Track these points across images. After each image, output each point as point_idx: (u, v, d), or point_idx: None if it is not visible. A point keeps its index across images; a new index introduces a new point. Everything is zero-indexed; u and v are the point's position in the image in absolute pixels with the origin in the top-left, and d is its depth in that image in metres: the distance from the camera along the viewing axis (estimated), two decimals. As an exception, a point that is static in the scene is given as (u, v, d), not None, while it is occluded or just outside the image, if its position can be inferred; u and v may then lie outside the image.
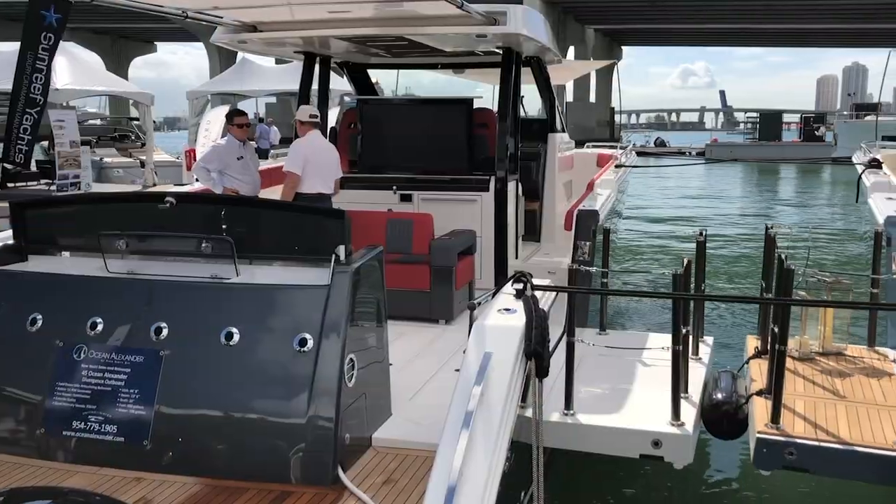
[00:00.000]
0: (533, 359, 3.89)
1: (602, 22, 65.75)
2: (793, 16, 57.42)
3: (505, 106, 7.68)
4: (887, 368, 5.51)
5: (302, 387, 4.07)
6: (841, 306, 6.10)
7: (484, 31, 6.96)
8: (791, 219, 22.87)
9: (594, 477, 5.77)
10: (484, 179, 7.80)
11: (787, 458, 4.35)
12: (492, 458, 3.58)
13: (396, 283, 5.96)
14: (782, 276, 4.85)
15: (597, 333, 6.51)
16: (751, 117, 77.67)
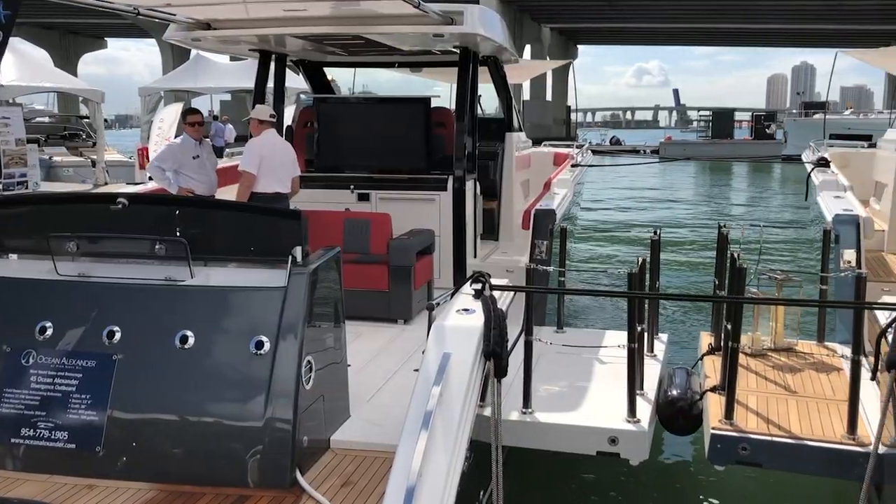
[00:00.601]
0: (492, 359, 3.91)
1: (558, 21, 66.23)
2: (744, 16, 58.53)
3: (462, 105, 7.69)
4: (836, 363, 5.65)
5: (259, 389, 4.03)
6: (791, 303, 6.24)
7: (441, 30, 6.96)
8: (743, 217, 23.32)
9: (552, 475, 5.82)
10: (442, 179, 7.80)
11: (741, 453, 4.44)
12: (451, 458, 3.59)
13: (354, 283, 5.93)
14: (734, 274, 4.94)
15: (554, 332, 6.56)
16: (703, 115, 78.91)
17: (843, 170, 9.70)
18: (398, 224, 7.19)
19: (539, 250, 6.94)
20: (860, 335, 4.37)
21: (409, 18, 6.80)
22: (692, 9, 56.55)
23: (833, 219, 6.68)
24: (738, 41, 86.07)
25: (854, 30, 59.89)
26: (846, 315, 5.62)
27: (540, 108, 60.66)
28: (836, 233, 6.48)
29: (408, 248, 6.90)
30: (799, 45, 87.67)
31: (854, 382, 4.35)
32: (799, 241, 15.77)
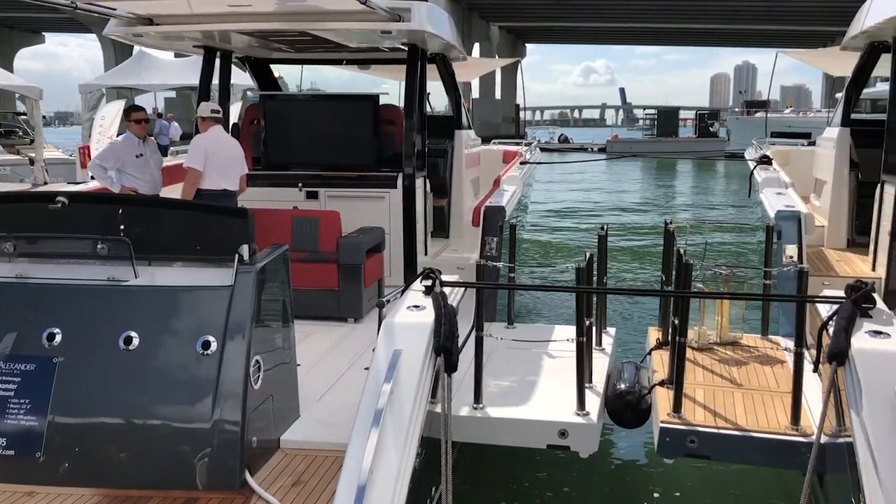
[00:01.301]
0: (442, 354, 3.91)
1: (506, 19, 66.69)
2: (688, 16, 59.75)
3: (411, 102, 7.67)
4: (780, 356, 5.78)
5: (206, 390, 3.95)
6: (736, 298, 6.36)
7: (388, 27, 6.93)
8: (689, 213, 23.77)
9: (504, 469, 5.84)
10: (391, 176, 7.77)
11: (689, 445, 4.51)
12: (402, 456, 3.58)
13: (303, 282, 5.87)
14: (681, 270, 5.02)
15: (505, 327, 6.58)
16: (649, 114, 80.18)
17: (785, 167, 9.95)
18: (347, 222, 7.13)
19: (489, 247, 6.96)
20: (802, 328, 4.48)
21: (357, 15, 6.75)
22: (638, 8, 57.51)
23: (775, 215, 6.83)
24: (682, 41, 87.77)
25: (794, 30, 61.64)
26: (789, 309, 5.76)
27: (489, 107, 61.00)
28: (778, 229, 6.64)
29: (357, 246, 6.85)
30: (741, 45, 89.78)
31: (797, 374, 4.45)
32: (743, 237, 16.13)
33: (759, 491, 5.64)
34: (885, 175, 7.58)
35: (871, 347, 3.58)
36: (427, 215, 8.22)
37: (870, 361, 3.52)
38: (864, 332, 3.68)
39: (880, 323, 3.74)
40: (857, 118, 9.55)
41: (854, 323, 3.73)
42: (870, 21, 7.52)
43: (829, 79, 51.27)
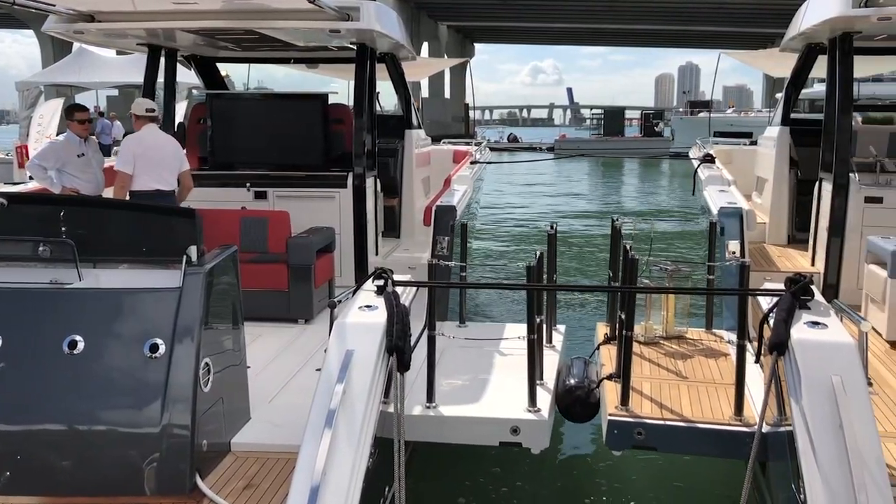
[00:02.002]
0: (394, 354, 3.91)
1: (454, 19, 66.87)
2: (634, 17, 60.69)
3: (360, 102, 7.65)
4: (723, 349, 5.93)
5: (154, 394, 3.89)
6: (681, 292, 6.51)
7: (337, 26, 6.90)
8: (636, 211, 24.16)
9: (457, 467, 5.87)
10: (341, 175, 7.74)
11: (637, 437, 4.59)
12: (355, 456, 3.58)
13: (253, 283, 5.82)
14: (627, 266, 5.11)
15: (457, 326, 6.62)
16: (596, 114, 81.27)
17: (727, 165, 10.20)
18: (297, 222, 7.08)
19: (440, 246, 6.98)
20: (745, 321, 4.60)
21: (304, 14, 6.70)
22: (585, 9, 58.19)
23: (718, 212, 7.00)
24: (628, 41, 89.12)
25: (735, 32, 63.07)
26: (732, 302, 5.91)
27: (438, 106, 61.07)
28: (721, 225, 6.80)
29: (307, 247, 6.81)
30: (685, 46, 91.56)
31: (740, 366, 4.57)
32: (687, 234, 16.46)
33: (704, 480, 5.77)
34: (822, 173, 7.83)
35: (810, 338, 3.70)
36: (378, 215, 8.21)
37: (808, 352, 3.63)
38: (802, 323, 3.80)
39: (818, 314, 3.87)
40: (797, 118, 9.84)
41: (793, 315, 3.85)
42: (806, 23, 7.75)
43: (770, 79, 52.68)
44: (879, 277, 6.27)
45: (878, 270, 6.36)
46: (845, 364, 3.56)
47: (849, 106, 7.45)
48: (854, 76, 7.53)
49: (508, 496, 5.69)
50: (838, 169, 7.33)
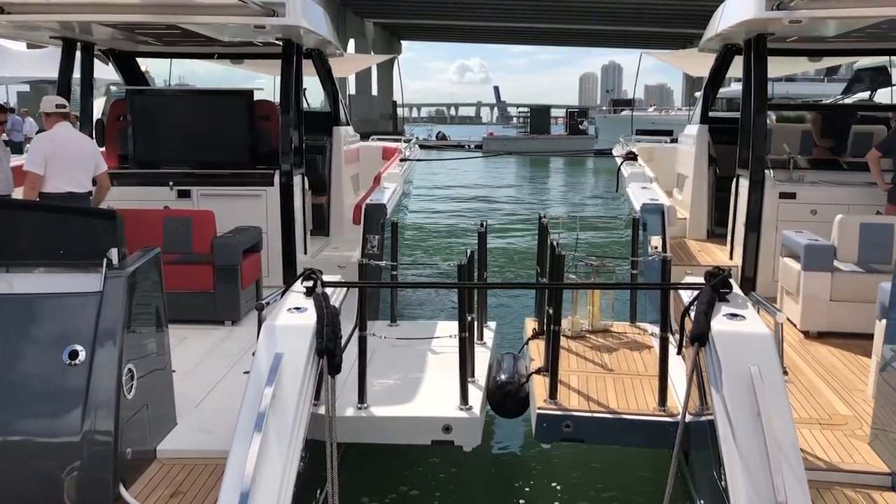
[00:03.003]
0: (325, 356, 3.88)
1: (381, 16, 66.61)
2: (559, 16, 61.56)
3: (287, 98, 7.55)
4: (647, 342, 6.09)
5: (75, 402, 3.76)
6: (606, 287, 6.65)
7: (262, 22, 6.79)
8: (562, 207, 24.53)
9: (389, 467, 5.87)
10: (268, 173, 7.63)
11: (565, 430, 4.68)
12: (286, 459, 3.54)
13: (177, 284, 5.69)
14: (555, 262, 5.20)
15: (388, 325, 6.60)
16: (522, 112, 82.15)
17: (649, 163, 10.46)
18: (222, 221, 6.94)
19: (371, 245, 6.95)
20: (667, 314, 4.74)
21: (228, 9, 6.58)
22: (510, 8, 58.73)
23: (641, 208, 7.18)
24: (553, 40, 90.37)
25: (657, 32, 64.69)
26: (654, 296, 6.07)
27: (366, 103, 60.74)
28: (643, 221, 6.97)
29: (233, 247, 6.68)
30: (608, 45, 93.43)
31: (662, 358, 4.70)
32: (611, 230, 16.82)
33: (630, 470, 5.91)
34: (739, 170, 8.10)
35: (729, 329, 3.83)
36: (306, 213, 8.12)
37: (727, 343, 3.76)
38: (722, 315, 3.93)
39: (736, 306, 4.01)
40: (715, 116, 10.16)
41: (713, 307, 3.98)
42: (723, 25, 8.01)
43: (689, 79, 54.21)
44: (793, 270, 6.53)
45: (792, 263, 6.63)
46: (762, 354, 3.69)
47: (764, 105, 7.74)
48: (768, 76, 7.83)
49: (442, 494, 5.72)
50: (754, 166, 7.60)
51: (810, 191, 7.76)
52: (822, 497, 3.83)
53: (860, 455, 4.26)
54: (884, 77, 17.88)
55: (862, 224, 6.31)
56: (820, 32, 7.99)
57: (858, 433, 4.52)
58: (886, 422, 4.16)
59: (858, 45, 9.23)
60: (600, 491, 5.73)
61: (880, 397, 4.28)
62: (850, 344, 6.07)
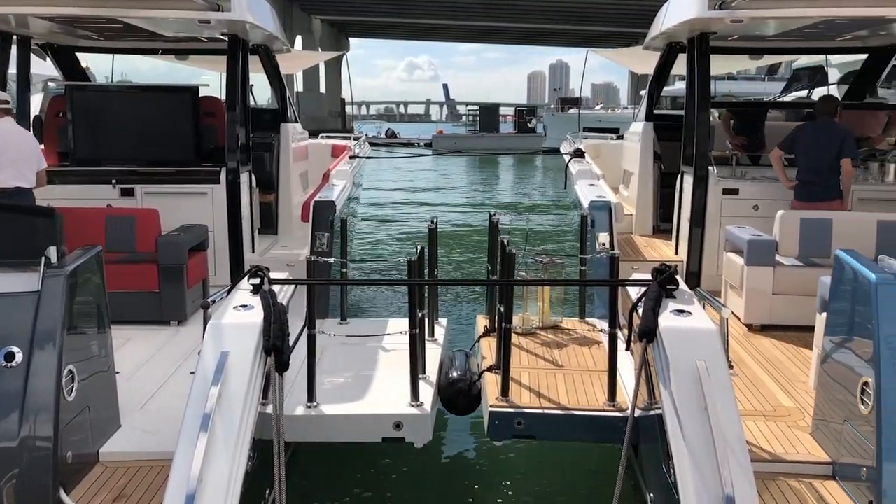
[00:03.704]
0: (272, 354, 3.83)
1: (328, 12, 66.11)
2: (507, 15, 61.86)
3: (233, 94, 7.42)
4: (596, 337, 6.15)
5: (12, 406, 3.64)
6: (556, 284, 6.71)
7: (207, 16, 6.66)
8: (512, 204, 24.67)
9: (339, 465, 5.82)
10: (214, 171, 7.50)
11: (517, 427, 4.70)
12: (233, 460, 3.48)
13: (120, 284, 5.55)
14: (505, 260, 5.21)
15: (337, 324, 6.55)
16: (471, 110, 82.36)
17: (596, 160, 10.57)
18: (167, 220, 6.80)
19: (320, 242, 6.89)
20: (616, 310, 4.79)
21: (172, 3, 6.44)
22: (458, 6, 58.84)
23: (589, 205, 7.25)
24: (501, 39, 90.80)
25: (603, 31, 65.46)
26: (603, 292, 6.14)
27: (314, 100, 60.24)
28: (591, 218, 7.04)
29: (178, 245, 6.55)
30: (555, 44, 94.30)
31: (612, 353, 4.75)
32: (561, 227, 16.98)
33: (582, 465, 5.97)
34: (683, 166, 8.25)
35: (676, 325, 3.89)
36: (253, 211, 8.01)
37: (675, 339, 3.82)
38: (669, 311, 3.98)
39: (683, 302, 4.07)
40: (660, 114, 10.32)
41: (661, 303, 4.03)
42: (667, 24, 8.15)
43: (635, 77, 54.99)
44: (737, 265, 6.67)
45: (735, 258, 6.77)
46: (708, 350, 3.76)
47: (707, 103, 7.89)
48: (711, 74, 7.98)
49: (393, 491, 5.70)
50: (698, 162, 7.74)
51: (752, 187, 7.94)
52: (767, 488, 3.92)
53: (803, 445, 4.37)
54: (821, 76, 18.40)
55: (802, 219, 6.48)
56: (760, 31, 8.19)
57: (801, 424, 4.64)
58: (827, 412, 4.27)
59: (797, 44, 9.49)
60: (551, 486, 5.78)
61: (821, 388, 4.40)
62: (792, 336, 6.23)
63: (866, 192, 7.88)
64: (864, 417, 3.77)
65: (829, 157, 7.23)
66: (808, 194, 7.30)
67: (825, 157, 7.25)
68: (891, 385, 3.63)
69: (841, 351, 4.18)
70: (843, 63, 16.91)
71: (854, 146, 7.46)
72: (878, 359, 3.69)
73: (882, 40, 8.80)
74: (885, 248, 5.72)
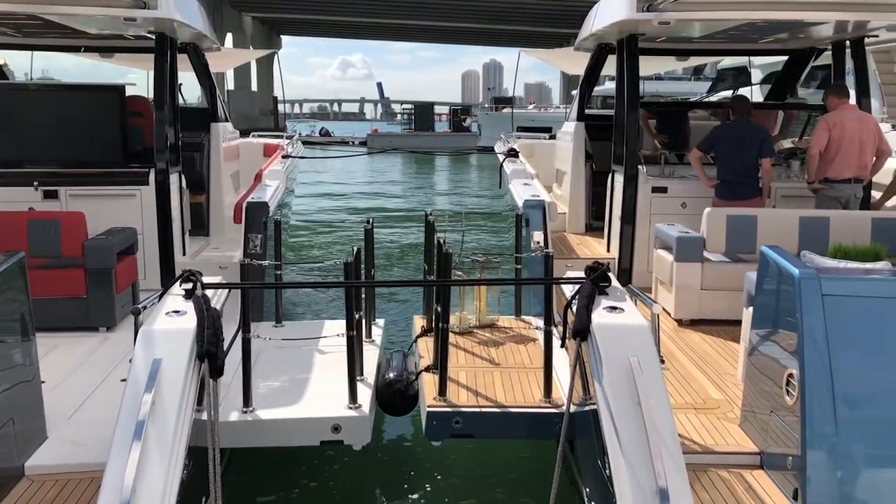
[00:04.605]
0: (206, 360, 3.76)
1: (259, 10, 65.07)
2: (439, 14, 61.91)
3: (161, 93, 7.25)
4: (532, 335, 6.22)
5: None
6: (492, 283, 6.76)
7: (132, 13, 6.49)
8: (448, 203, 24.75)
9: (276, 470, 5.75)
10: (142, 172, 7.32)
11: (454, 426, 4.72)
12: (168, 469, 3.41)
13: (45, 290, 5.37)
14: (441, 259, 5.23)
15: (273, 327, 6.47)
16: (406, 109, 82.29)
17: (530, 159, 10.69)
18: (94, 223, 6.60)
19: (253, 244, 6.79)
20: (550, 307, 4.86)
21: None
22: (391, 4, 58.63)
23: (523, 204, 7.33)
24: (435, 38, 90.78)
25: (536, 31, 66.15)
26: (538, 290, 6.21)
27: (245, 99, 59.23)
28: (526, 217, 7.12)
29: (106, 249, 6.37)
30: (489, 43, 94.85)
31: (547, 351, 4.82)
32: (496, 226, 17.11)
33: (519, 462, 6.03)
34: (614, 165, 8.41)
35: (608, 322, 3.96)
36: (184, 213, 7.84)
37: (608, 335, 3.89)
38: (602, 308, 4.06)
39: (615, 299, 4.15)
40: (591, 114, 10.49)
41: (594, 300, 4.10)
42: (597, 25, 8.29)
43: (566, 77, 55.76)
44: (666, 261, 6.84)
45: (665, 255, 6.94)
46: (640, 345, 3.84)
47: (636, 103, 8.06)
48: (640, 75, 8.16)
49: (332, 495, 5.65)
50: (628, 161, 7.90)
51: (680, 185, 8.14)
52: (699, 479, 4.03)
53: (732, 437, 4.51)
54: (744, 76, 19.01)
55: (728, 216, 6.68)
56: (687, 33, 8.41)
57: (730, 416, 4.79)
58: (754, 404, 4.42)
59: (721, 45, 9.78)
60: (490, 484, 5.82)
61: (748, 381, 4.55)
62: (720, 331, 6.42)
63: (788, 190, 8.18)
64: (789, 408, 3.91)
65: (750, 157, 7.48)
66: (729, 193, 7.54)
67: (745, 156, 7.50)
68: (814, 376, 3.78)
69: (767, 344, 4.33)
70: (765, 64, 17.49)
71: (772, 145, 7.75)
72: (801, 351, 3.83)
73: (801, 43, 9.14)
74: (807, 243, 5.96)
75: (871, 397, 3.78)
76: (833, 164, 7.44)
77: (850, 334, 3.83)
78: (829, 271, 4.41)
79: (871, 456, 3.71)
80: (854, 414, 3.74)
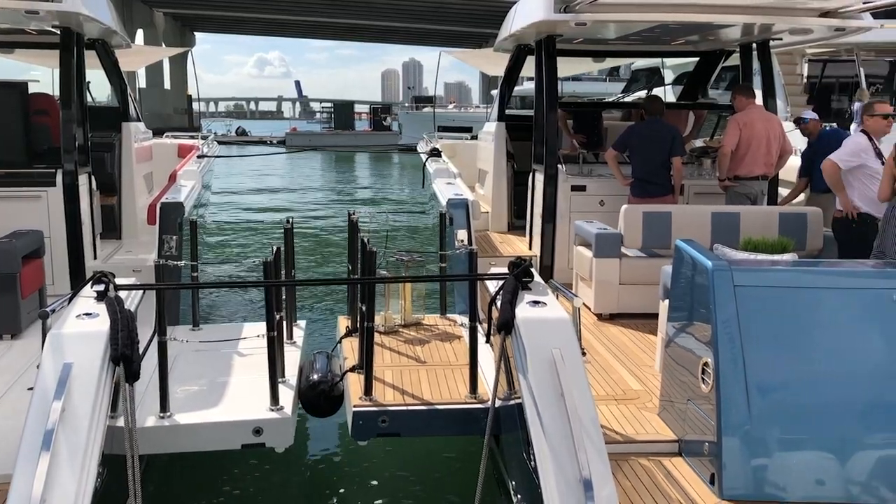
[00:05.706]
0: (121, 363, 3.62)
1: (171, 6, 63.37)
2: (358, 12, 61.57)
3: (68, 91, 6.96)
4: (457, 332, 6.24)
5: None
6: (417, 280, 6.75)
7: (35, 6, 6.21)
8: (370, 202, 24.62)
9: (197, 476, 5.60)
10: (48, 173, 7.01)
11: (381, 426, 4.69)
12: (80, 478, 3.28)
13: (-57, 297, 5.06)
14: (366, 258, 5.19)
15: (190, 329, 6.30)
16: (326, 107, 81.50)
17: (452, 159, 10.75)
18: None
19: (168, 245, 6.61)
20: (475, 304, 4.88)
21: None
22: (309, 2, 58.00)
23: (447, 203, 7.35)
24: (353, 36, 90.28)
25: (455, 31, 66.57)
26: (463, 287, 6.23)
27: (158, 97, 57.62)
28: (450, 216, 7.15)
29: (10, 252, 6.07)
30: (408, 42, 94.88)
31: (472, 347, 4.83)
32: (419, 225, 17.11)
33: (447, 458, 6.05)
34: (535, 164, 8.52)
35: (532, 316, 4.00)
36: (94, 215, 7.55)
37: (531, 329, 3.93)
38: (525, 303, 4.10)
39: (538, 294, 4.20)
40: (511, 114, 10.61)
41: (517, 296, 4.14)
42: (516, 26, 8.38)
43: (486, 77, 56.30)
44: (586, 257, 6.98)
45: (584, 251, 7.08)
46: (562, 338, 3.90)
47: (555, 103, 8.19)
48: (558, 75, 8.29)
49: (255, 499, 5.54)
50: (548, 160, 8.02)
51: (598, 183, 8.31)
52: (621, 468, 4.12)
53: (651, 426, 4.63)
54: (657, 77, 19.56)
55: (644, 213, 6.85)
56: (603, 35, 8.59)
57: (649, 406, 4.91)
58: (672, 393, 4.54)
59: (636, 47, 10.04)
60: (417, 482, 5.81)
61: (665, 371, 4.68)
62: (638, 323, 6.59)
63: (701, 187, 8.45)
64: (705, 396, 4.04)
65: (662, 156, 7.71)
66: (642, 191, 7.76)
67: (657, 155, 7.73)
68: (728, 364, 3.91)
69: (682, 335, 4.46)
70: (677, 65, 18.04)
71: (683, 145, 8.00)
72: (715, 340, 3.96)
73: (711, 45, 9.46)
74: (719, 238, 6.16)
75: (781, 383, 3.94)
76: (743, 163, 7.73)
77: (761, 323, 3.98)
78: (741, 263, 4.57)
79: (782, 440, 3.86)
80: (766, 400, 3.89)
